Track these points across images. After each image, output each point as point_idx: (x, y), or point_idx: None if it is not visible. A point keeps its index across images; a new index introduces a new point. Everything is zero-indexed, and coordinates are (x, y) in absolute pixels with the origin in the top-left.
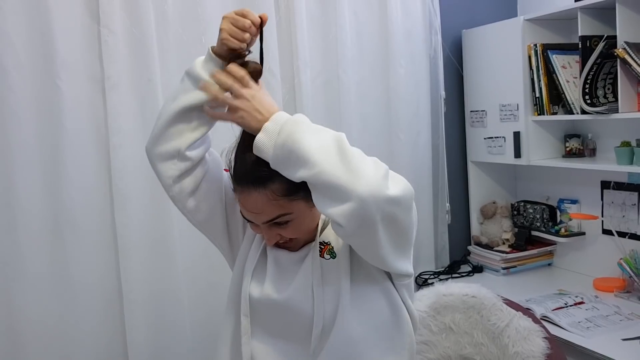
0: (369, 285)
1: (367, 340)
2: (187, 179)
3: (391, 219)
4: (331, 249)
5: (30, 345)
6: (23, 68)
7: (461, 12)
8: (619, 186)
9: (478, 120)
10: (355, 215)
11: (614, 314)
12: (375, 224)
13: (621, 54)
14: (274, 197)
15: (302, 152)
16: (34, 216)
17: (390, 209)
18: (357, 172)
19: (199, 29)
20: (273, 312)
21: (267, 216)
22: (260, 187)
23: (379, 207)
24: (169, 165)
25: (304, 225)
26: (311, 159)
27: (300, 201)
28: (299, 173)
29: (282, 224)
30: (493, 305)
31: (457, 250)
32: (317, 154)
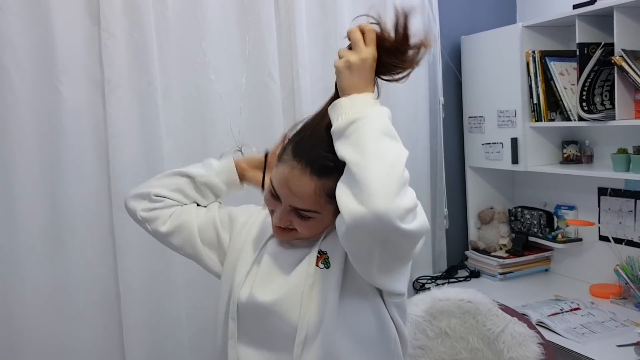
0: (358, 300)
1: (352, 354)
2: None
3: (393, 246)
4: (326, 259)
5: (28, 344)
6: (23, 70)
7: (460, 19)
8: (616, 193)
9: (476, 126)
10: (360, 222)
11: (610, 320)
12: (374, 241)
13: (618, 62)
14: (319, 192)
15: (366, 139)
16: (32, 217)
17: (395, 239)
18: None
19: (199, 33)
20: (258, 318)
21: (301, 204)
22: (315, 175)
23: (384, 230)
24: (137, 205)
25: (318, 228)
26: (366, 150)
27: (332, 208)
28: (348, 151)
29: (302, 217)
30: (489, 310)
31: (455, 255)
32: (374, 151)
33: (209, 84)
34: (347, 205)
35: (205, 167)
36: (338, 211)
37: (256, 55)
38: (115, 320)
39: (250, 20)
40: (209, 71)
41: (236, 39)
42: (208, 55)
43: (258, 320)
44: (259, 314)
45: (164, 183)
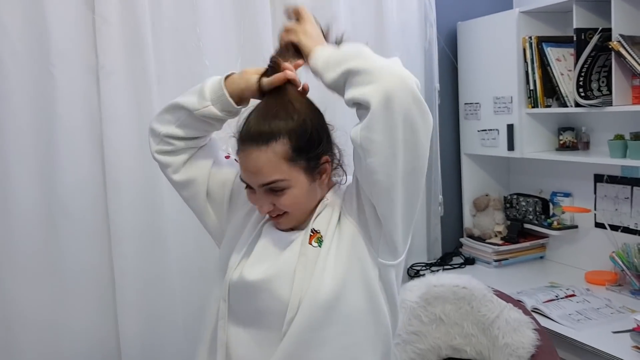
0: (348, 272)
1: (336, 325)
2: (168, 157)
3: (413, 125)
4: (319, 237)
5: (22, 333)
6: (17, 56)
7: (456, 5)
8: (612, 179)
9: (472, 113)
10: (383, 91)
11: (605, 307)
12: (398, 116)
13: (616, 47)
14: (275, 158)
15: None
16: (27, 204)
17: (414, 110)
18: (397, 64)
19: (193, 19)
20: (248, 297)
21: (265, 177)
22: (262, 145)
23: (405, 94)
24: (152, 141)
25: (299, 198)
26: (366, 54)
27: (299, 170)
28: (348, 64)
29: (277, 191)
30: (483, 296)
31: (450, 243)
32: (372, 54)
33: (203, 70)
34: (368, 90)
35: (199, 96)
36: (305, 171)
37: (251, 41)
38: (109, 306)
39: (245, 6)
40: (203, 57)
41: (231, 25)
42: (202, 40)
43: (248, 299)
44: (249, 292)
45: (170, 118)
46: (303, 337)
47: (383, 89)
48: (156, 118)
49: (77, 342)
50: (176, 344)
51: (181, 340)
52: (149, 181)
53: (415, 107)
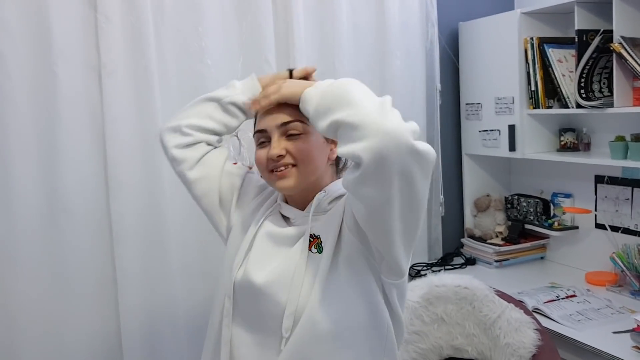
0: (349, 285)
1: (338, 339)
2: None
3: (409, 176)
4: (319, 243)
5: (24, 331)
6: (19, 54)
7: (458, 5)
8: (613, 181)
9: (473, 113)
10: (376, 150)
11: (606, 308)
12: (393, 171)
13: (617, 49)
14: (297, 106)
15: (349, 96)
16: (29, 202)
17: (410, 162)
18: (388, 116)
19: (195, 18)
20: (251, 298)
21: (286, 116)
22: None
23: (400, 150)
24: (170, 137)
25: (312, 149)
26: (354, 101)
27: None
28: (336, 115)
29: (294, 136)
30: (485, 296)
31: (450, 243)
32: (360, 98)
33: (205, 69)
34: (357, 147)
35: (228, 89)
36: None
37: (252, 41)
38: (112, 306)
39: (247, 6)
40: (205, 56)
41: (233, 24)
42: (204, 40)
43: (251, 300)
44: (252, 294)
45: (193, 112)
46: (304, 349)
47: (375, 148)
48: (172, 119)
49: (79, 341)
50: (177, 344)
51: (182, 340)
52: (151, 180)
53: (413, 160)
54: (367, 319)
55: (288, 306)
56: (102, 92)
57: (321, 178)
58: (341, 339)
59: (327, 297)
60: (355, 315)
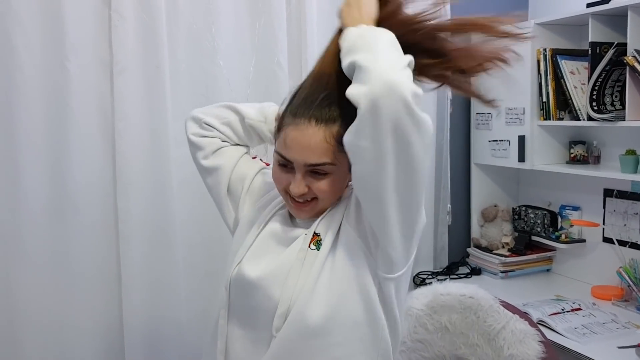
0: (343, 281)
1: (329, 335)
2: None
3: (404, 135)
4: (318, 241)
5: (27, 322)
6: (32, 48)
7: (472, 14)
8: (622, 195)
9: (483, 123)
10: (370, 96)
11: (611, 322)
12: (385, 121)
13: (631, 62)
14: (329, 139)
15: (375, 42)
16: (36, 195)
17: (404, 117)
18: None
19: (208, 19)
20: (245, 293)
21: (315, 157)
22: (321, 124)
23: (392, 101)
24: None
25: (336, 187)
26: (375, 48)
27: (345, 156)
28: (355, 56)
29: (319, 175)
30: (490, 306)
31: (456, 252)
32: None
33: (217, 70)
34: (360, 91)
35: (257, 111)
36: (347, 164)
37: (265, 43)
38: (115, 302)
39: (261, 7)
40: (217, 56)
41: (246, 26)
42: (217, 40)
43: (245, 295)
44: (245, 288)
45: (217, 113)
46: (293, 345)
47: (371, 93)
48: (201, 110)
49: (81, 337)
50: (180, 343)
51: (185, 340)
52: (159, 179)
53: (408, 117)
54: (361, 317)
55: (280, 305)
56: (113, 89)
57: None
58: (332, 336)
59: (319, 292)
60: (348, 311)
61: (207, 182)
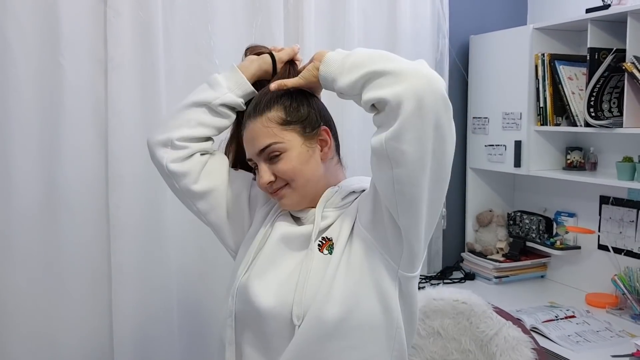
0: (360, 285)
1: (345, 338)
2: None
3: (442, 132)
4: (331, 245)
5: (14, 322)
6: (27, 43)
7: (470, 18)
8: (618, 202)
9: (480, 127)
10: (415, 94)
11: (605, 330)
12: (430, 118)
13: (629, 68)
14: (267, 124)
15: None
16: (27, 191)
17: (443, 113)
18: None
19: (205, 17)
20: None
21: (259, 143)
22: (257, 116)
23: (437, 99)
24: (162, 153)
25: (297, 163)
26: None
27: (294, 133)
28: (372, 67)
29: (275, 158)
30: (483, 312)
31: (450, 256)
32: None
33: (213, 68)
34: (399, 92)
35: (214, 88)
36: (300, 132)
37: (262, 42)
38: (105, 302)
39: (259, 6)
40: (213, 55)
41: (243, 24)
42: (214, 38)
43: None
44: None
45: (181, 122)
46: (308, 348)
47: (414, 91)
48: (161, 129)
49: (70, 337)
50: (170, 345)
51: (175, 341)
52: (152, 177)
53: (446, 114)
54: (378, 320)
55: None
56: (107, 86)
57: (326, 181)
58: (348, 339)
59: (335, 295)
60: (365, 314)
61: (201, 207)
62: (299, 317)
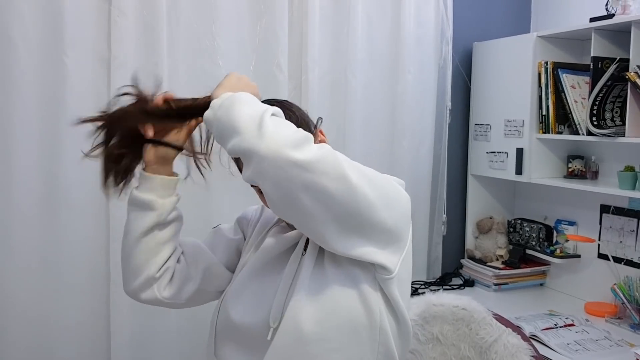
0: (336, 283)
1: (325, 340)
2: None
3: (314, 187)
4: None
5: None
6: (30, 42)
7: (474, 24)
8: (619, 211)
9: (482, 134)
10: (261, 174)
11: (604, 339)
12: (292, 191)
13: (632, 78)
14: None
15: (233, 121)
16: (28, 189)
17: (301, 174)
18: (266, 135)
19: (209, 17)
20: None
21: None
22: None
23: (280, 168)
24: (147, 291)
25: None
26: (237, 127)
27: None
28: (227, 144)
29: None
30: (483, 319)
31: (450, 263)
32: (241, 122)
33: (216, 69)
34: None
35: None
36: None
37: (266, 45)
38: (103, 301)
39: (263, 9)
40: (217, 56)
41: (247, 26)
42: (217, 40)
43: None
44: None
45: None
46: (289, 352)
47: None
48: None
49: (67, 337)
50: (168, 347)
51: (174, 343)
52: None
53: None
54: (360, 322)
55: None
56: (110, 85)
57: None
58: (328, 341)
59: (310, 296)
60: (345, 317)
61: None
62: (275, 320)
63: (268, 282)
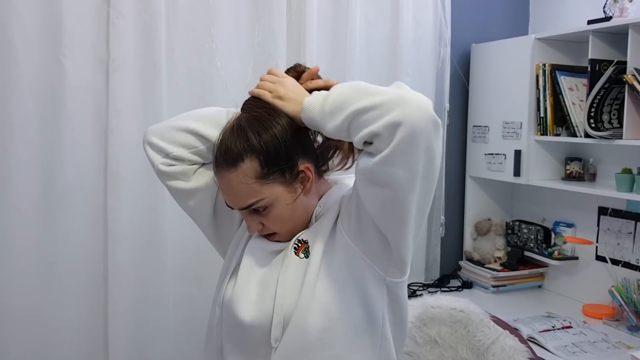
0: (342, 291)
1: (329, 348)
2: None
3: (431, 152)
4: (307, 248)
5: (10, 318)
6: (29, 43)
7: (472, 27)
8: (617, 213)
9: (480, 136)
10: (405, 123)
11: (602, 341)
12: (421, 144)
13: (630, 80)
14: (245, 180)
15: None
16: (26, 190)
17: (433, 135)
18: (409, 91)
19: (208, 19)
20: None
21: (242, 201)
22: (231, 168)
23: (428, 124)
24: (155, 154)
25: (285, 215)
26: (372, 90)
27: (276, 185)
28: (355, 105)
29: (261, 211)
30: (480, 321)
31: (448, 264)
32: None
33: (214, 71)
34: (387, 122)
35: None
36: (283, 183)
37: (264, 46)
38: (101, 303)
39: (262, 11)
40: (215, 58)
41: (246, 28)
42: (216, 41)
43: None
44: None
45: (182, 141)
46: (292, 356)
47: (403, 118)
48: (160, 133)
49: (65, 339)
50: (166, 349)
51: (171, 345)
52: (151, 179)
53: (436, 135)
54: (363, 327)
55: (275, 314)
56: (108, 87)
57: (312, 202)
58: (333, 348)
59: (316, 303)
60: (350, 322)
61: (189, 204)
62: (278, 327)
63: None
